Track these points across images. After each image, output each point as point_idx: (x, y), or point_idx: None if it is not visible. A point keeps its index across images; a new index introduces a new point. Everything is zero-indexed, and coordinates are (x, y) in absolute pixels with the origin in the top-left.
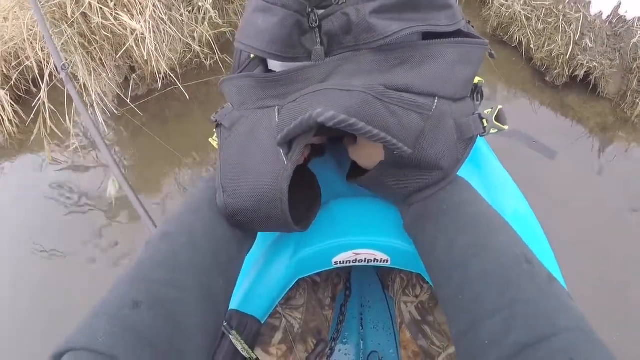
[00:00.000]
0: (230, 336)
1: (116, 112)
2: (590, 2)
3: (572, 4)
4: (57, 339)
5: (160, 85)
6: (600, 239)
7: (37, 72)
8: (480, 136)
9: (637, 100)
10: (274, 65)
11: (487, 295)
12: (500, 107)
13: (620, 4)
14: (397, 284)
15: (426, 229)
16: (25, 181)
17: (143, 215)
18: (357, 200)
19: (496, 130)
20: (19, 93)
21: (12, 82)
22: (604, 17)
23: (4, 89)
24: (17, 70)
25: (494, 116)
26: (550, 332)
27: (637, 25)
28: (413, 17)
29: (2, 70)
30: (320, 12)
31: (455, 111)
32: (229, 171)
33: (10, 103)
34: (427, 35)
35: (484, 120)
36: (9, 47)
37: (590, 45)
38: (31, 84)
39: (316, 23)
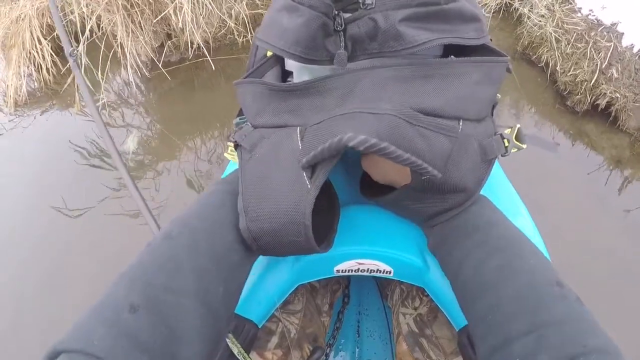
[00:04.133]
0: (227, 340)
1: (148, 74)
2: (623, 34)
3: (605, 32)
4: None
5: (192, 55)
6: (594, 271)
7: (79, 27)
8: (502, 156)
9: None
10: (291, 65)
11: (520, 315)
12: (518, 126)
13: None
14: (397, 294)
15: (453, 250)
16: (52, 129)
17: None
18: (363, 208)
19: (516, 150)
20: (60, 44)
21: (55, 34)
22: (635, 49)
23: (46, 39)
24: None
25: (514, 135)
26: (580, 352)
27: None
28: (442, 28)
29: (47, 21)
30: (347, 15)
31: (479, 132)
32: (251, 194)
33: (50, 53)
34: (449, 47)
35: (506, 140)
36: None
37: (616, 75)
38: (72, 37)
39: (341, 26)
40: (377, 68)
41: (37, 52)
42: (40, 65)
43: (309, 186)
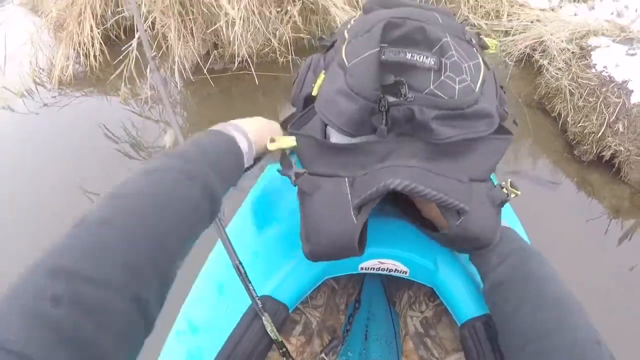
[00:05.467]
0: (263, 318)
1: (192, 78)
2: (632, 91)
3: (616, 88)
4: None
5: (235, 67)
6: (590, 310)
7: (128, 23)
8: (505, 201)
9: None
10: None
11: None
12: (510, 179)
13: None
14: (405, 299)
15: (508, 298)
16: (90, 113)
17: None
18: (386, 218)
19: (514, 195)
20: (109, 35)
21: (107, 25)
22: None
23: (98, 28)
24: (114, 16)
25: (509, 185)
26: None
27: None
28: (462, 125)
29: (102, 12)
30: (391, 99)
31: (486, 187)
32: (312, 228)
33: (100, 42)
34: None
35: (504, 189)
36: None
37: (622, 130)
38: (121, 30)
39: (385, 108)
40: (409, 142)
41: (88, 39)
42: (89, 51)
43: (355, 222)
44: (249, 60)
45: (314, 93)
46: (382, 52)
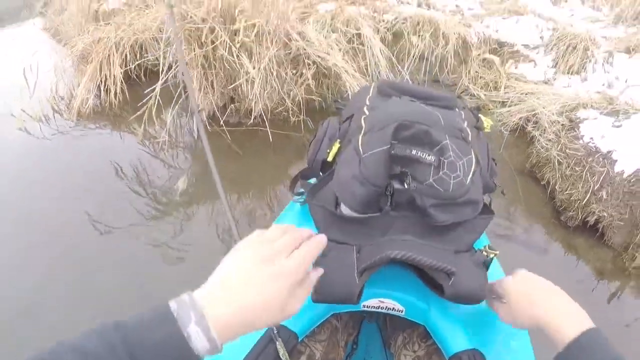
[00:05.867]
0: (277, 342)
1: (209, 128)
2: (616, 160)
3: (601, 158)
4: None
5: (251, 122)
6: None
7: (150, 67)
8: (487, 262)
9: (637, 254)
10: None
11: None
12: (486, 244)
13: None
14: (400, 340)
15: None
16: (104, 147)
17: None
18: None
19: (493, 255)
20: (129, 74)
21: (130, 68)
22: (625, 174)
23: (121, 67)
24: (137, 59)
25: (487, 248)
26: None
27: None
28: (453, 211)
29: (127, 54)
30: (397, 185)
31: (469, 254)
32: (322, 283)
33: (121, 80)
34: None
35: (484, 252)
36: (137, 37)
37: (605, 197)
38: (142, 71)
39: (390, 193)
40: (406, 219)
41: (110, 76)
42: (110, 88)
43: (357, 282)
44: (263, 116)
45: (329, 159)
46: (393, 147)
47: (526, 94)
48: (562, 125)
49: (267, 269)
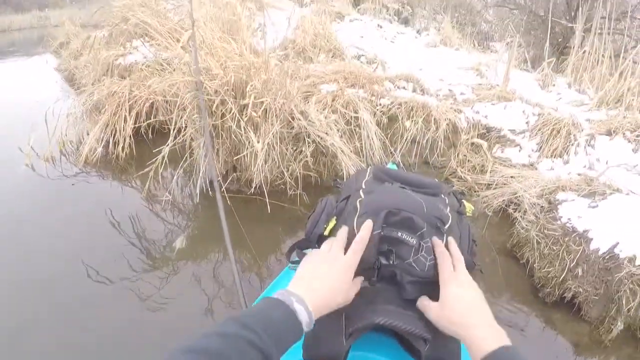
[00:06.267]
0: None
1: (210, 192)
2: (592, 239)
3: (577, 237)
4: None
5: (249, 192)
6: None
7: (159, 127)
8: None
9: (613, 327)
10: None
11: None
12: None
13: (617, 243)
14: None
15: None
16: (105, 198)
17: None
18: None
19: None
20: (138, 129)
21: (139, 126)
22: (600, 252)
23: (133, 123)
24: (149, 118)
25: None
26: None
27: (626, 265)
28: (425, 288)
29: (138, 111)
30: (383, 261)
31: None
32: (311, 344)
33: (131, 135)
34: None
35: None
36: (152, 98)
37: (581, 273)
38: (150, 129)
39: (378, 267)
40: (389, 291)
41: (120, 130)
42: (119, 141)
43: (344, 344)
44: (263, 187)
45: (325, 233)
46: (382, 229)
47: (510, 177)
48: (542, 207)
49: (335, 264)
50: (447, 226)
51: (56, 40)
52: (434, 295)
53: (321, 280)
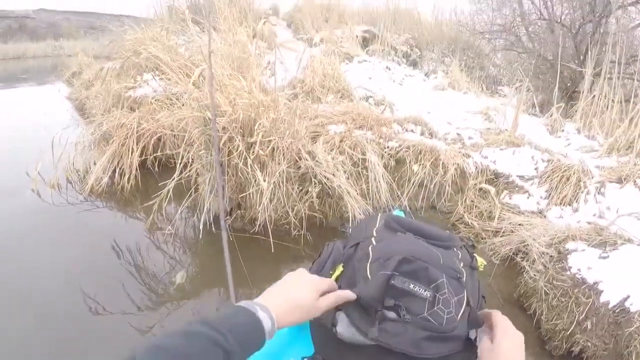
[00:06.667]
0: None
1: (213, 229)
2: (602, 291)
3: (587, 289)
4: None
5: (253, 230)
6: None
7: (164, 160)
8: None
9: None
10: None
11: None
12: None
13: (628, 296)
14: None
15: None
16: (110, 230)
17: None
18: None
19: None
20: (145, 162)
21: (146, 158)
22: (610, 305)
23: (139, 156)
24: (155, 151)
25: None
26: None
27: (637, 319)
28: (443, 345)
29: (145, 144)
30: (390, 315)
31: None
32: None
33: (137, 167)
34: None
35: None
36: (160, 132)
37: (590, 327)
38: (157, 162)
39: (378, 321)
40: (395, 354)
41: (127, 162)
42: (125, 172)
43: None
44: (267, 226)
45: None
46: (393, 277)
47: (518, 225)
48: (551, 256)
49: (303, 279)
50: (464, 279)
51: (69, 70)
52: (456, 355)
53: (288, 290)
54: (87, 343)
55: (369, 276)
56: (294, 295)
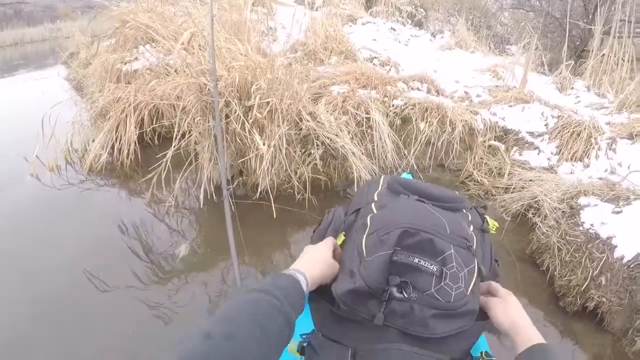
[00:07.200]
0: None
1: (215, 198)
2: (616, 246)
3: (600, 244)
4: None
5: (256, 196)
6: None
7: (164, 132)
8: None
9: (637, 339)
10: None
11: None
12: (483, 351)
13: None
14: None
15: None
16: (112, 207)
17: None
18: None
19: None
20: (143, 136)
21: (145, 130)
22: (625, 260)
23: (137, 129)
24: (153, 123)
25: (483, 353)
26: None
27: None
28: (453, 322)
29: (143, 117)
30: (396, 294)
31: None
32: None
33: (135, 141)
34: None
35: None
36: (155, 102)
37: (604, 283)
38: (156, 135)
39: (386, 298)
40: (400, 330)
41: (125, 137)
42: (123, 147)
43: None
44: (269, 192)
45: None
46: (395, 253)
47: (529, 181)
48: (563, 212)
49: (320, 246)
50: (474, 247)
51: (67, 51)
52: (466, 330)
53: (307, 257)
54: (93, 319)
55: (364, 251)
56: (314, 255)
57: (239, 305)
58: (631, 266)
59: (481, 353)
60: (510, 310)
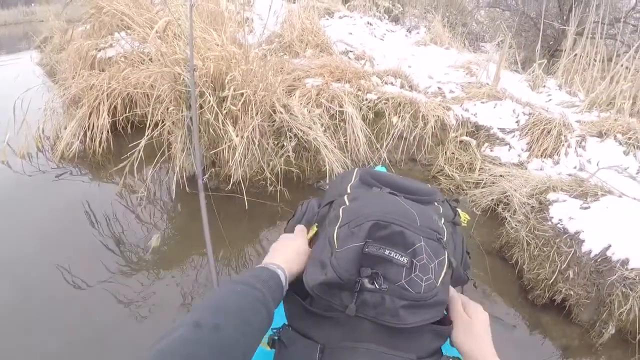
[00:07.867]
0: None
1: (187, 189)
2: (583, 241)
3: (568, 239)
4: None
5: (229, 188)
6: None
7: (137, 121)
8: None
9: (604, 331)
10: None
11: None
12: (452, 355)
13: (610, 246)
14: None
15: None
16: (83, 196)
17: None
18: None
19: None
20: (116, 124)
21: (118, 119)
22: (592, 254)
23: (110, 117)
24: (126, 112)
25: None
26: None
27: (618, 267)
28: (423, 312)
29: (116, 105)
30: (368, 285)
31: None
32: None
33: (108, 130)
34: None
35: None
36: (129, 91)
37: (572, 276)
38: (129, 124)
39: (357, 290)
40: (371, 322)
41: (98, 125)
42: (95, 135)
43: None
44: (242, 183)
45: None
46: (366, 245)
47: (499, 176)
48: (532, 207)
49: (292, 234)
50: (444, 240)
51: (40, 35)
52: (433, 317)
53: (284, 250)
54: (62, 313)
55: (336, 243)
56: (292, 248)
57: (226, 297)
58: (598, 260)
59: (450, 358)
60: (471, 336)
